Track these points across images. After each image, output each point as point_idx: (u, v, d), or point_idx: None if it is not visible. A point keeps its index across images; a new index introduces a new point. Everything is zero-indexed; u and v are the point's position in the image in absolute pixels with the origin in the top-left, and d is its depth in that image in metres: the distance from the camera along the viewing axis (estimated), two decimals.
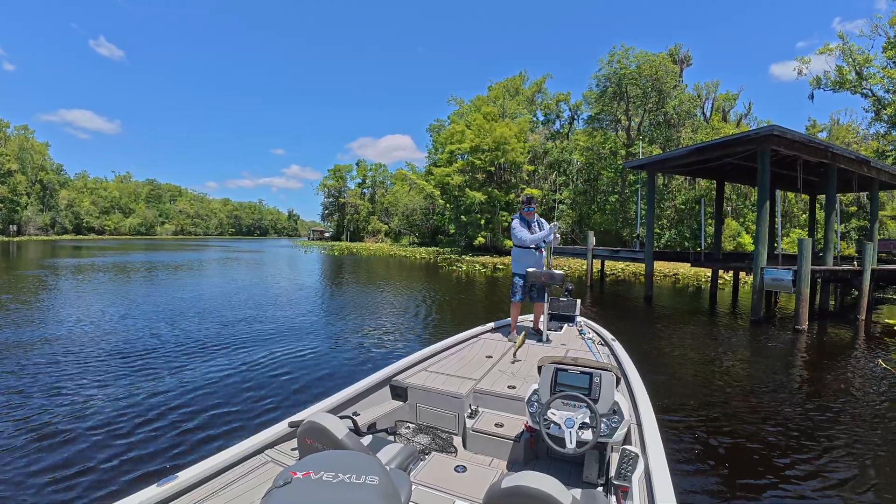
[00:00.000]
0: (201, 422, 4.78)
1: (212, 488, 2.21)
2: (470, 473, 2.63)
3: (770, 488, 3.84)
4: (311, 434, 1.89)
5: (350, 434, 1.88)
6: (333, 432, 1.83)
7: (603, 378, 2.58)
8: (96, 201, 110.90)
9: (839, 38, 24.27)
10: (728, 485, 3.90)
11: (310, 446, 1.90)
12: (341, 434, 1.83)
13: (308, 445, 1.91)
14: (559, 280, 5.44)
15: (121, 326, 9.37)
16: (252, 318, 10.53)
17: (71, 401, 5.25)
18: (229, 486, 2.25)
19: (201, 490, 2.19)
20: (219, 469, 2.33)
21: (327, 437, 1.84)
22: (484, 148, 38.89)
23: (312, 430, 1.89)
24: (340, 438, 1.82)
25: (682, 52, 41.43)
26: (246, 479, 2.32)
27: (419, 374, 3.81)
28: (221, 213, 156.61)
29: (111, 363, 6.81)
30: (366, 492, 1.21)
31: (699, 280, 21.81)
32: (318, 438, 1.86)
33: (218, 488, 2.22)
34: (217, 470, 2.32)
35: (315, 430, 1.88)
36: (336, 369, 6.84)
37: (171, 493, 2.08)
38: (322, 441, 1.85)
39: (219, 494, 2.17)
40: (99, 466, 3.83)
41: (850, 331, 10.85)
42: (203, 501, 2.12)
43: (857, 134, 34.23)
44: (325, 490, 1.20)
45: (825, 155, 12.11)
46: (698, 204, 35.46)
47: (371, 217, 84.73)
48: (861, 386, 6.78)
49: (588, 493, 2.24)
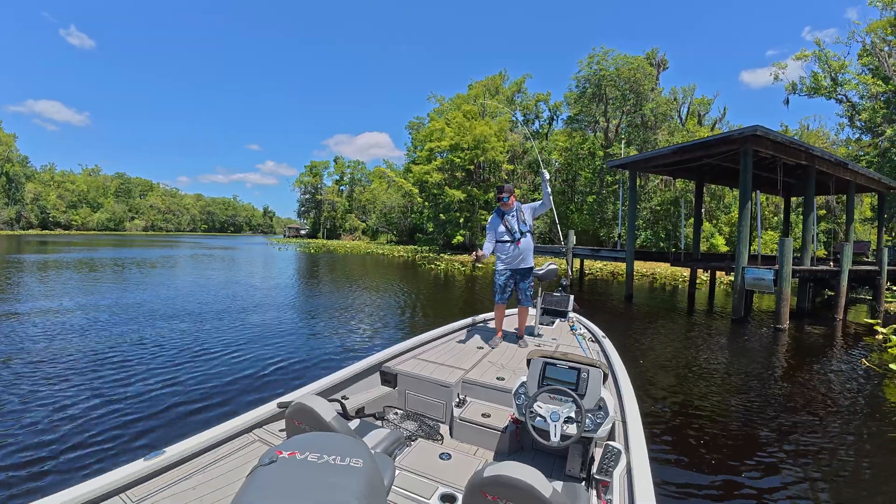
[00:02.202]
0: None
1: (199, 464, 2.24)
2: (455, 461, 2.64)
3: (753, 485, 3.86)
4: (300, 415, 1.91)
5: (338, 417, 1.88)
6: (321, 414, 1.84)
7: (591, 374, 2.58)
8: (63, 195, 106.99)
9: (815, 45, 24.90)
10: (710, 482, 3.90)
11: (297, 427, 1.91)
12: (329, 417, 1.85)
13: (296, 426, 1.93)
14: (552, 276, 5.38)
15: (76, 331, 8.71)
16: (218, 324, 9.81)
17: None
18: (216, 462, 2.27)
19: (188, 466, 2.21)
20: (207, 446, 2.35)
21: (315, 419, 1.85)
22: (464, 146, 38.66)
23: (301, 411, 1.90)
24: (328, 421, 1.83)
25: (658, 56, 41.95)
26: (233, 456, 2.34)
27: (409, 362, 3.83)
28: (194, 209, 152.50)
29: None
30: (349, 474, 1.22)
31: (675, 279, 22.04)
32: (306, 420, 1.88)
33: (205, 464, 2.24)
34: (205, 447, 2.34)
35: (303, 411, 1.89)
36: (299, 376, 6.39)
37: (158, 467, 2.11)
38: (310, 423, 1.87)
39: (205, 470, 2.20)
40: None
41: (829, 330, 10.95)
42: (189, 476, 2.14)
43: (827, 140, 35.18)
44: (310, 470, 1.21)
45: (805, 157, 12.20)
46: (674, 205, 36.14)
47: (348, 214, 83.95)
48: (846, 384, 6.79)
49: (569, 486, 2.25)
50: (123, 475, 1.98)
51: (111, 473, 1.98)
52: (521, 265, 4.91)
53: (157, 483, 2.08)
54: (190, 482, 2.12)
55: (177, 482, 2.11)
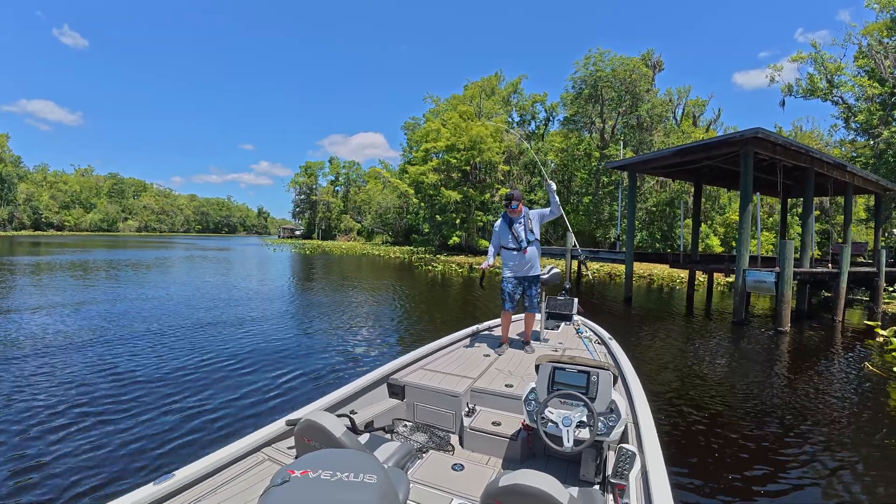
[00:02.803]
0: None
1: (209, 486, 2.17)
2: (467, 472, 2.62)
3: (767, 486, 3.84)
4: (309, 432, 1.89)
5: (347, 432, 1.87)
6: (331, 430, 1.83)
7: (600, 377, 2.56)
8: (56, 196, 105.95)
9: (811, 47, 25.01)
10: (725, 482, 3.87)
11: (307, 445, 1.90)
12: (339, 432, 1.83)
13: (305, 444, 1.91)
14: (556, 280, 5.33)
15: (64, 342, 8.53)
16: (216, 332, 9.63)
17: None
18: (226, 484, 2.21)
19: (198, 488, 2.14)
20: (216, 467, 2.28)
21: (325, 435, 1.83)
22: (460, 147, 38.60)
23: (310, 428, 1.88)
24: (338, 437, 1.81)
25: (654, 57, 42.05)
26: (243, 477, 2.28)
27: (416, 373, 3.78)
28: (188, 210, 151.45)
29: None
30: (364, 490, 1.20)
31: (673, 281, 22.05)
32: (316, 437, 1.86)
33: (215, 486, 2.18)
34: (214, 468, 2.27)
35: (312, 428, 1.87)
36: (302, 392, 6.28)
37: (167, 491, 2.03)
38: (319, 439, 1.85)
39: (216, 493, 2.13)
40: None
41: (830, 332, 10.97)
42: (200, 500, 2.07)
43: (821, 141, 35.39)
44: (324, 489, 1.19)
45: (806, 159, 12.22)
46: (669, 206, 36.28)
47: (343, 215, 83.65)
48: (852, 388, 6.78)
49: (585, 491, 2.23)
50: (133, 501, 1.91)
51: (120, 500, 1.89)
52: (528, 273, 4.89)
53: None
54: None
55: None
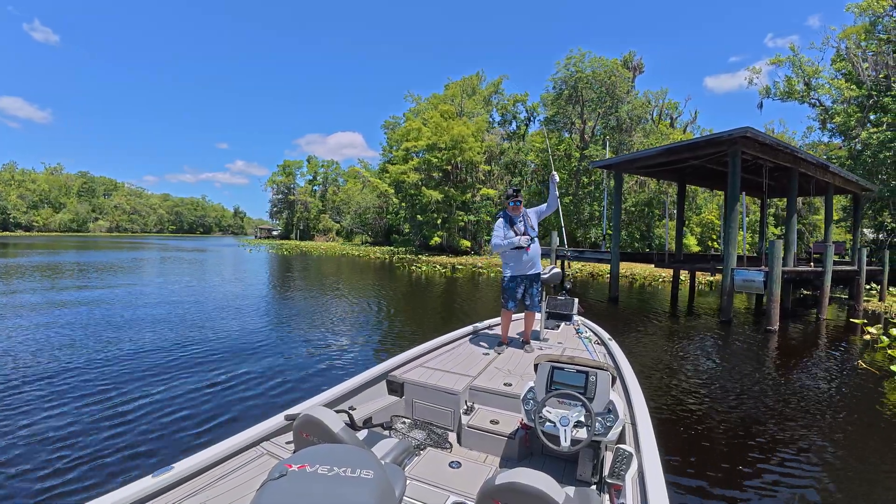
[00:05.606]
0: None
1: (207, 480, 2.19)
2: (464, 469, 2.64)
3: (765, 486, 3.84)
4: (307, 427, 1.90)
5: (346, 428, 1.87)
6: (329, 426, 1.84)
7: (599, 377, 2.56)
8: (24, 195, 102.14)
9: (788, 51, 25.49)
10: (721, 484, 3.88)
11: (305, 440, 1.91)
12: (337, 428, 1.84)
13: (304, 439, 1.92)
14: (556, 279, 5.31)
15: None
16: (197, 334, 9.06)
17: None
18: (224, 477, 2.23)
19: (196, 481, 2.16)
20: (214, 461, 2.30)
21: (323, 430, 1.84)
22: (441, 146, 38.26)
23: (308, 423, 1.89)
24: (336, 432, 1.82)
25: (635, 59, 42.48)
26: (241, 470, 2.29)
27: (415, 370, 3.78)
28: (161, 209, 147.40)
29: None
30: (360, 485, 1.20)
31: (655, 280, 22.20)
32: (314, 432, 1.87)
33: (213, 480, 2.19)
34: (213, 462, 2.29)
35: (311, 423, 1.88)
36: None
37: (165, 483, 2.06)
38: (318, 435, 1.86)
39: (214, 486, 2.15)
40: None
41: (815, 330, 11.10)
42: (198, 492, 2.09)
43: (796, 143, 36.17)
44: (320, 483, 1.19)
45: (789, 159, 12.25)
46: (648, 206, 36.65)
47: (322, 215, 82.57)
48: (847, 384, 6.82)
49: (581, 490, 2.24)
50: (132, 492, 1.92)
51: (119, 491, 1.91)
52: (530, 271, 4.85)
53: (167, 499, 2.02)
54: (199, 498, 2.06)
55: (186, 498, 2.05)
